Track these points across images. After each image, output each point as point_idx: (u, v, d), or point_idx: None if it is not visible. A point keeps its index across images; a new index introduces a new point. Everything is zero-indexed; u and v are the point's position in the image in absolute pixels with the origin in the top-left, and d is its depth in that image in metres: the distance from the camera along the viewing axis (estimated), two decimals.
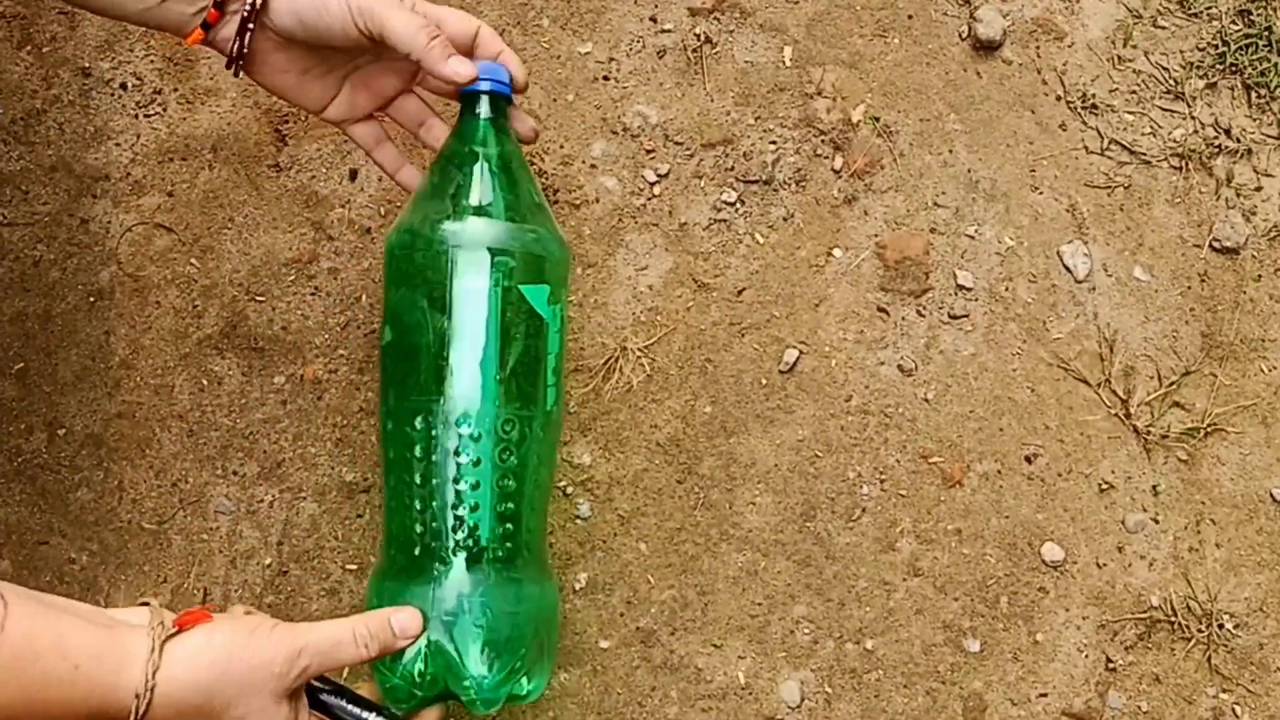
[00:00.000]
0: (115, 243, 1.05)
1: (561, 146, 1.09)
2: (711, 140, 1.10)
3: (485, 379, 0.71)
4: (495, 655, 0.70)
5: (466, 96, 0.76)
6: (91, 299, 1.04)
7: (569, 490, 1.02)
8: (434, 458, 0.71)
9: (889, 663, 1.01)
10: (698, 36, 1.11)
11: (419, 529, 0.72)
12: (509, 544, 0.72)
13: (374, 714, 0.69)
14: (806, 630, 1.01)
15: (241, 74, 0.77)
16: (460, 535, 0.71)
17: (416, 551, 0.72)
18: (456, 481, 0.71)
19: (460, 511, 0.71)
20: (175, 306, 1.04)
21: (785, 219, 1.09)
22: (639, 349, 1.05)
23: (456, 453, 0.71)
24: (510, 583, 0.72)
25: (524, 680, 0.72)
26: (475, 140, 0.79)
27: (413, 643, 0.70)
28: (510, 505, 0.72)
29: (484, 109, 0.76)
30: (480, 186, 0.75)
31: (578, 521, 1.02)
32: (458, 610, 0.70)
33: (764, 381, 1.05)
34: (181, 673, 0.61)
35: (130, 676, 0.60)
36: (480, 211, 0.73)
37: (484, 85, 0.76)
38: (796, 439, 1.04)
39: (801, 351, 1.06)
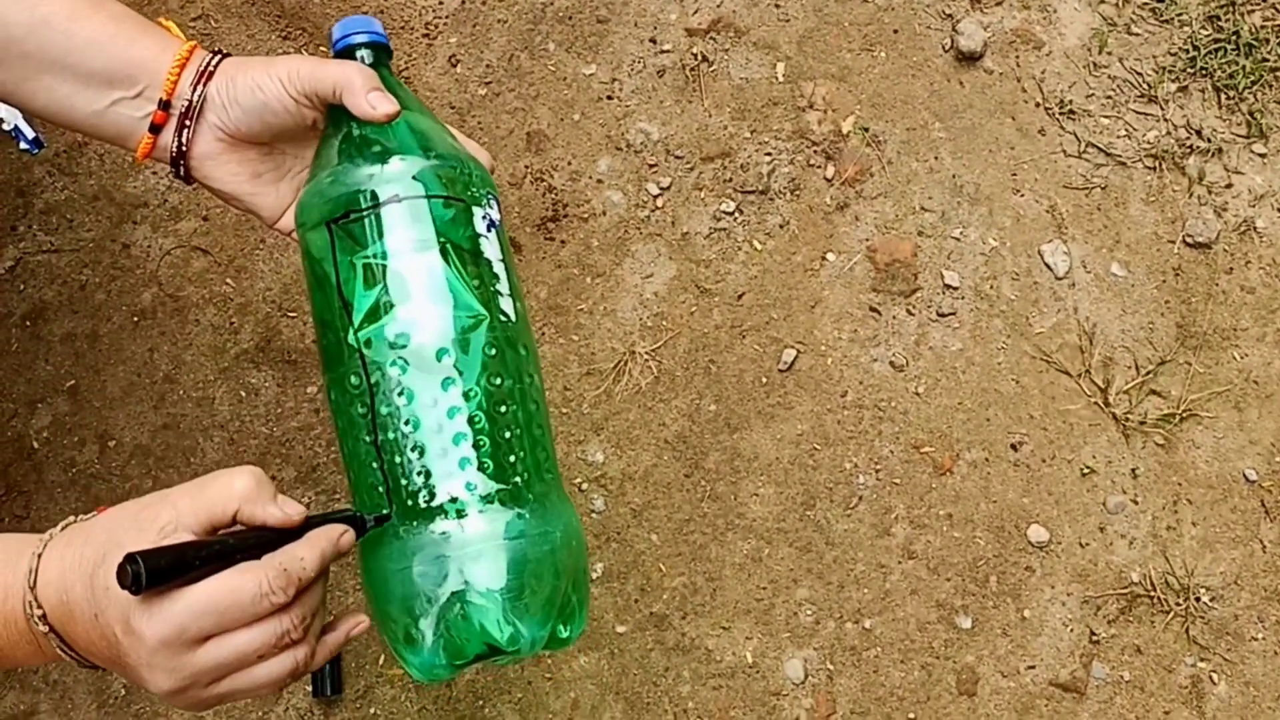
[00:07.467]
0: (156, 265, 1.13)
1: (570, 163, 1.16)
2: (710, 154, 1.17)
3: (453, 308, 0.66)
4: (527, 604, 0.65)
5: (343, 54, 0.72)
6: (135, 319, 1.12)
7: (584, 486, 1.10)
8: (418, 403, 0.65)
9: (886, 640, 1.08)
10: (695, 56, 1.18)
11: (416, 482, 0.65)
12: (518, 476, 0.67)
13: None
14: (809, 612, 1.09)
15: (193, 182, 0.75)
16: (465, 477, 0.65)
17: (415, 505, 0.65)
18: (451, 418, 0.65)
19: (462, 451, 0.65)
20: (213, 324, 1.12)
21: (781, 226, 1.15)
22: (647, 352, 1.13)
23: (444, 388, 0.65)
24: (529, 518, 0.66)
25: (561, 626, 0.67)
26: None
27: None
28: (509, 431, 0.67)
29: (366, 58, 0.71)
30: (388, 129, 0.70)
31: (593, 515, 1.09)
32: (479, 562, 0.64)
33: (764, 380, 1.12)
34: (51, 565, 0.59)
35: (20, 569, 0.60)
36: (397, 151, 0.68)
37: (360, 38, 0.71)
38: (796, 433, 1.11)
39: (799, 351, 1.13)
